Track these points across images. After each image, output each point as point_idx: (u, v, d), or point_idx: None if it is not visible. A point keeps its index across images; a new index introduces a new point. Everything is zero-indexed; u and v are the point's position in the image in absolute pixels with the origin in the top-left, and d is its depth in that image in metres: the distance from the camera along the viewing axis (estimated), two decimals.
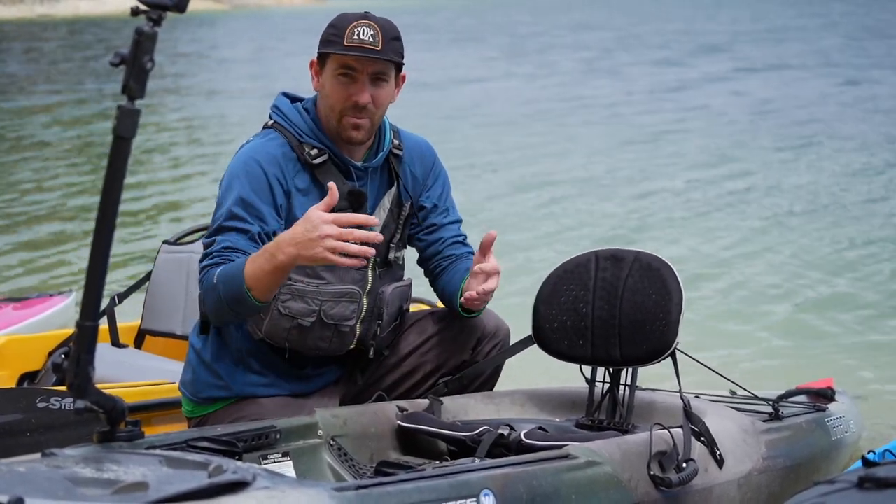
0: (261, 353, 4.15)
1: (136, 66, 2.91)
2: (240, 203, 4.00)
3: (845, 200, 12.29)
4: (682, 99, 22.15)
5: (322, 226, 3.73)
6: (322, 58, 4.11)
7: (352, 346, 4.18)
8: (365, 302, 4.15)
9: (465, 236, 4.45)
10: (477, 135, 17.84)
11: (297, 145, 4.10)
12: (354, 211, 4.08)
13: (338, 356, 4.22)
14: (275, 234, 3.98)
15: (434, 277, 4.43)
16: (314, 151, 4.10)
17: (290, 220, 4.02)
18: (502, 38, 42.18)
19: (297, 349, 4.12)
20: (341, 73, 4.06)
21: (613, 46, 36.33)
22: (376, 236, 3.78)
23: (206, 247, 4.04)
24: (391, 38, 4.08)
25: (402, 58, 4.14)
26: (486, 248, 4.07)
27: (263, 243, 3.93)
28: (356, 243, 3.74)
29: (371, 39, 4.04)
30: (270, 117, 4.21)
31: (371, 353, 4.25)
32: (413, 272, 4.43)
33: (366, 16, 4.10)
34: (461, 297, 4.21)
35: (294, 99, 4.24)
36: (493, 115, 20.42)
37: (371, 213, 4.17)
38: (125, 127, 2.93)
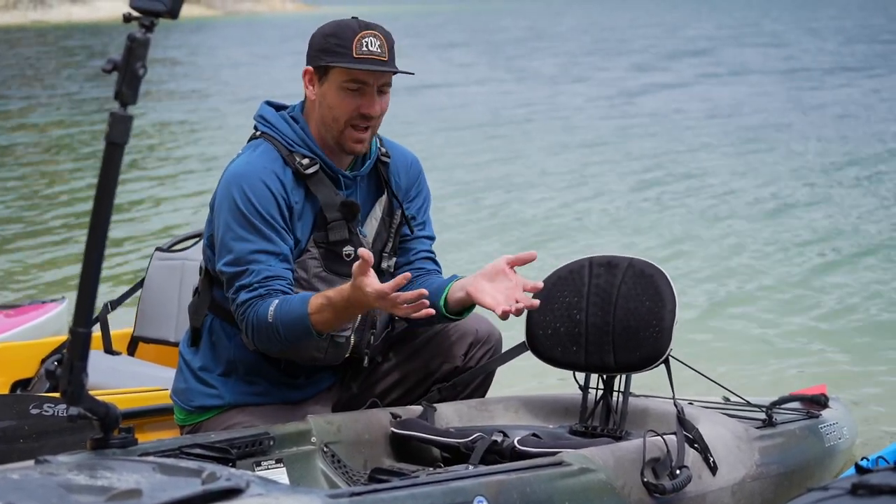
0: (254, 364, 4.13)
1: (128, 73, 2.91)
2: (261, 224, 3.94)
3: (842, 205, 12.30)
4: (645, 103, 22.22)
5: (375, 302, 3.76)
6: (322, 68, 4.04)
7: (346, 355, 4.17)
8: None
9: (435, 254, 4.41)
10: (439, 138, 17.91)
11: (288, 155, 4.05)
12: (347, 221, 4.06)
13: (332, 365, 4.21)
14: (291, 249, 3.98)
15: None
16: (305, 161, 4.05)
17: (291, 230, 4.03)
18: (480, 43, 42.24)
19: (293, 360, 4.11)
20: (350, 85, 4.01)
21: (592, 51, 36.37)
22: (420, 297, 3.74)
23: (234, 277, 3.95)
24: (391, 48, 4.05)
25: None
26: (521, 262, 4.02)
27: (291, 262, 3.96)
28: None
29: (379, 51, 3.99)
30: (256, 128, 4.15)
31: (366, 361, 4.24)
32: None
33: (368, 26, 4.03)
34: (445, 299, 4.13)
35: (278, 107, 4.19)
36: (456, 119, 20.43)
37: (363, 223, 4.15)
38: (118, 133, 2.93)
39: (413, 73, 4.13)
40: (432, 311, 3.80)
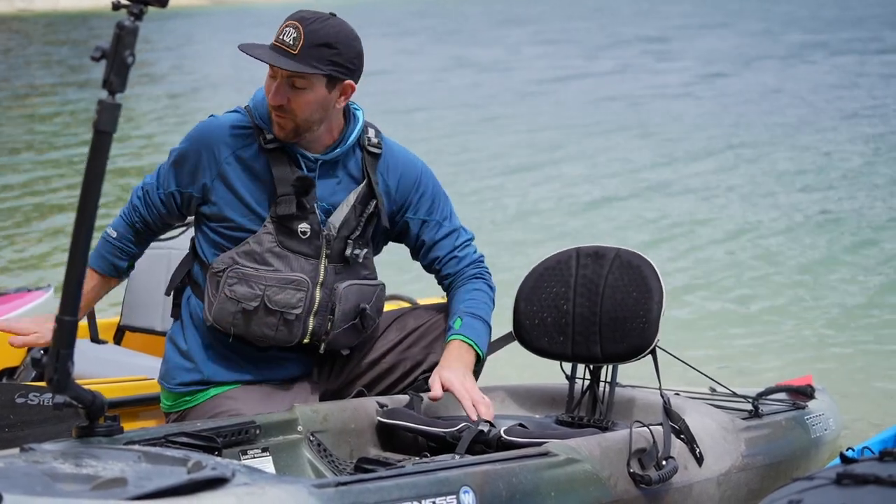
0: (214, 338, 4.17)
1: (116, 61, 2.90)
2: (175, 160, 4.19)
3: (830, 196, 12.33)
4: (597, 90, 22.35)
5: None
6: None
7: (305, 340, 4.15)
8: (317, 294, 4.11)
9: (470, 238, 4.41)
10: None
11: (256, 129, 4.12)
12: (299, 197, 4.08)
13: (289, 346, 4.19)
14: (172, 195, 4.17)
15: (445, 287, 4.42)
16: (269, 136, 4.10)
17: (228, 188, 4.11)
18: (438, 31, 42.29)
19: (242, 335, 4.11)
20: (269, 71, 4.05)
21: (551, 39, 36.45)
22: None
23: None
24: (315, 45, 3.97)
25: (329, 67, 4.00)
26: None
27: (155, 203, 4.21)
28: None
29: (291, 42, 3.97)
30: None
31: (322, 348, 4.22)
32: (391, 268, 4.41)
33: (301, 18, 4.02)
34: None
35: None
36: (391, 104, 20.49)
37: (331, 207, 4.15)
38: (106, 121, 2.92)
39: (324, 73, 3.99)
40: None
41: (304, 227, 4.09)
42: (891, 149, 15.27)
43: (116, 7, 2.95)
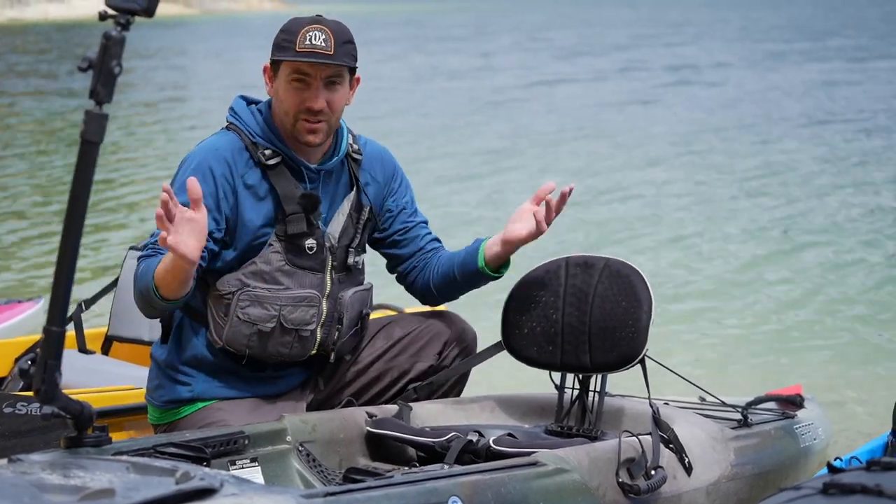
0: (220, 361, 4.14)
1: (103, 71, 2.89)
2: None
3: (821, 207, 12.35)
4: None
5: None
6: (275, 63, 4.10)
7: (313, 352, 4.17)
8: (325, 306, 4.13)
9: (428, 229, 4.48)
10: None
11: (251, 146, 4.10)
12: (307, 213, 4.08)
13: (300, 360, 4.21)
14: (210, 234, 3.95)
15: (418, 272, 4.43)
16: (268, 152, 4.09)
17: (239, 217, 4.05)
18: (411, 39, 42.46)
19: (259, 356, 4.11)
20: (295, 78, 4.05)
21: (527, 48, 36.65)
22: None
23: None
24: (343, 42, 4.06)
25: (355, 61, 4.13)
26: (541, 197, 4.16)
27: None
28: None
29: (323, 44, 4.02)
30: (227, 119, 4.21)
31: (332, 357, 4.23)
32: (375, 277, 4.42)
33: (317, 20, 4.10)
34: (484, 260, 4.28)
35: (251, 101, 4.23)
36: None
37: (329, 217, 4.16)
38: (93, 131, 2.91)
39: (356, 66, 4.13)
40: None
41: (310, 242, 4.09)
42: (869, 154, 15.34)
43: (103, 17, 2.95)
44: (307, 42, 4.02)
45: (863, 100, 21.68)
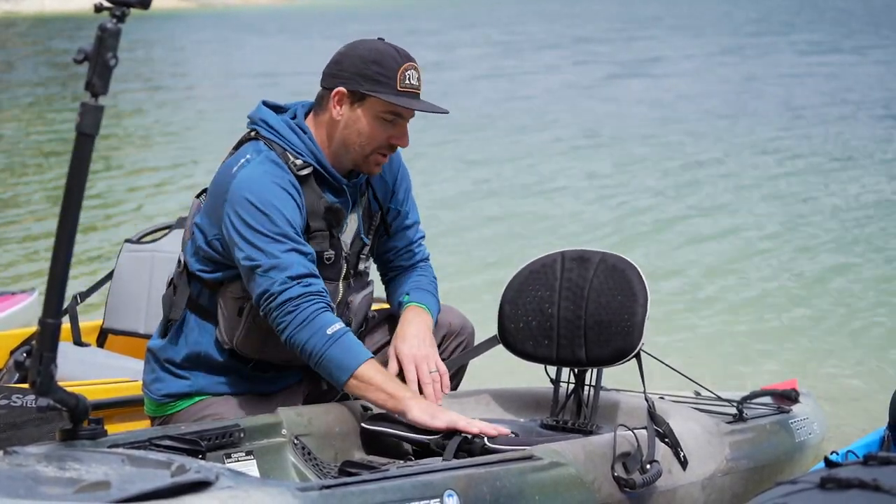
0: (224, 361, 4.12)
1: (99, 63, 2.89)
2: (289, 229, 3.88)
3: (820, 206, 12.35)
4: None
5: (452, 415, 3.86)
6: (361, 94, 3.97)
7: None
8: (335, 312, 4.13)
9: (423, 236, 4.45)
10: None
11: (282, 153, 4.00)
12: (331, 227, 4.03)
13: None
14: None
15: (388, 279, 4.44)
16: (299, 162, 4.00)
17: None
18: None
19: (269, 360, 4.11)
20: (387, 116, 3.98)
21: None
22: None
23: (271, 268, 3.85)
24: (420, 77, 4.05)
25: None
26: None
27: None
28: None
29: (418, 84, 4.00)
30: (254, 130, 4.07)
31: None
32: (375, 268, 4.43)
33: (407, 57, 4.01)
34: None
35: (275, 107, 4.13)
36: None
37: (344, 228, 4.13)
38: (88, 124, 2.91)
39: (447, 112, 4.05)
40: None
41: (329, 253, 4.06)
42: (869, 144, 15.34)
43: (99, 9, 2.94)
44: (407, 82, 3.96)
45: (864, 89, 21.69)
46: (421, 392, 4.05)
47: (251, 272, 3.88)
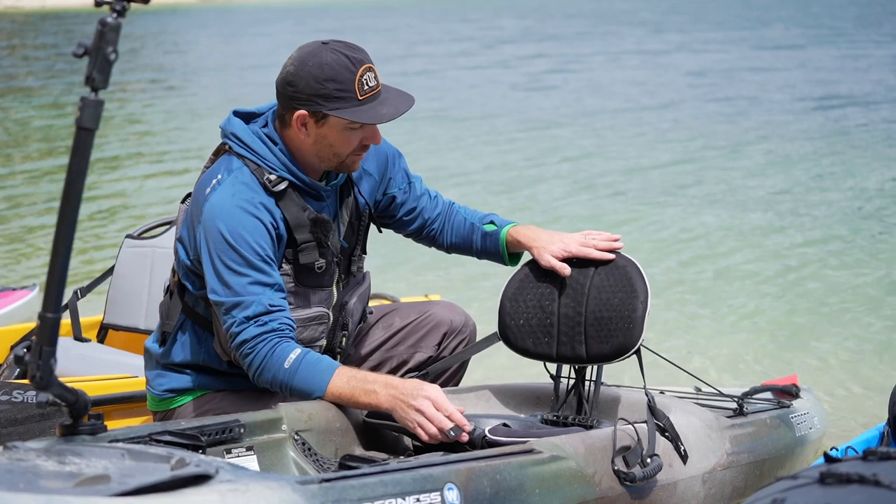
0: (226, 368, 4.12)
1: (99, 58, 2.89)
2: (255, 259, 3.85)
3: (822, 199, 12.35)
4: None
5: (421, 399, 3.78)
6: (323, 114, 3.92)
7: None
8: (331, 316, 4.13)
9: (435, 193, 4.48)
10: None
11: (256, 169, 3.95)
12: (321, 238, 4.01)
13: None
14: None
15: (435, 238, 4.48)
16: (273, 177, 3.95)
17: None
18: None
19: None
20: (355, 126, 3.94)
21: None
22: (464, 430, 3.81)
23: (233, 307, 3.86)
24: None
25: None
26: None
27: (284, 291, 3.91)
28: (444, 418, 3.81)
29: (376, 82, 3.94)
30: (226, 145, 4.03)
31: (338, 359, 4.23)
32: (373, 264, 4.42)
33: (361, 61, 3.92)
34: (507, 253, 4.43)
35: (245, 116, 4.07)
36: None
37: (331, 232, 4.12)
38: (88, 118, 2.91)
39: (413, 103, 4.01)
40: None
41: (320, 262, 4.05)
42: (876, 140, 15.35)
43: (99, 4, 2.94)
44: (366, 87, 3.91)
45: (865, 81, 21.71)
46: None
47: (216, 307, 3.92)
